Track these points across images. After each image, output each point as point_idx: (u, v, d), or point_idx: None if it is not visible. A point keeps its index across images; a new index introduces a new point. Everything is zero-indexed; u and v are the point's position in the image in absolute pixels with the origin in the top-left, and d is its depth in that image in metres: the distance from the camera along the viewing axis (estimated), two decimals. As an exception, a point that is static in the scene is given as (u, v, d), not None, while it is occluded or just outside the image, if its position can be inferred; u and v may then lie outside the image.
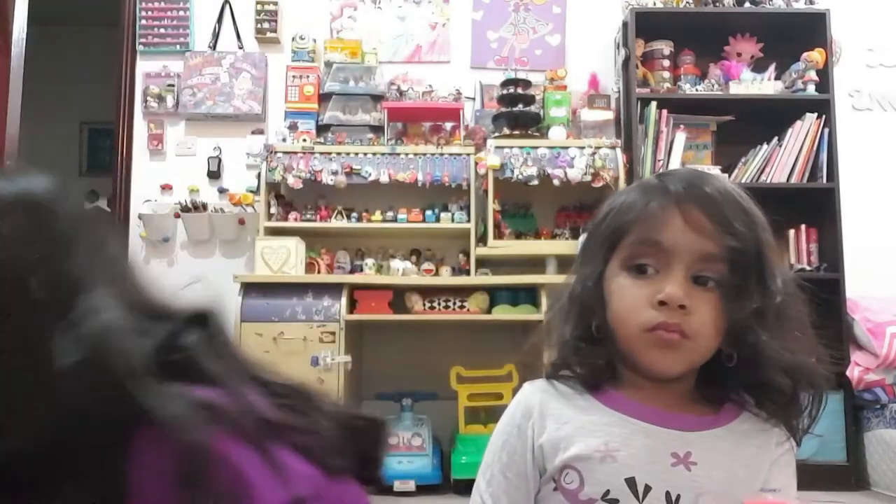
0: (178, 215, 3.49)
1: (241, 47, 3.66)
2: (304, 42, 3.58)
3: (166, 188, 3.55)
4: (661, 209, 0.79)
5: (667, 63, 3.48)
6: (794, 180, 3.28)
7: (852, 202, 3.31)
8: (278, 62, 3.64)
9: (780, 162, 3.29)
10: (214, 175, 3.58)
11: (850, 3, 3.62)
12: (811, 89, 3.33)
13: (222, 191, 3.56)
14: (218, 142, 3.61)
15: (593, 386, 0.83)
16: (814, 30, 3.36)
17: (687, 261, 0.77)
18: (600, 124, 3.46)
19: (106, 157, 4.66)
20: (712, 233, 0.77)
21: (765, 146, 3.32)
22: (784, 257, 3.25)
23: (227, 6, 3.68)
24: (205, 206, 3.49)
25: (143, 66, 3.67)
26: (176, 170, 3.59)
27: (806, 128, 3.29)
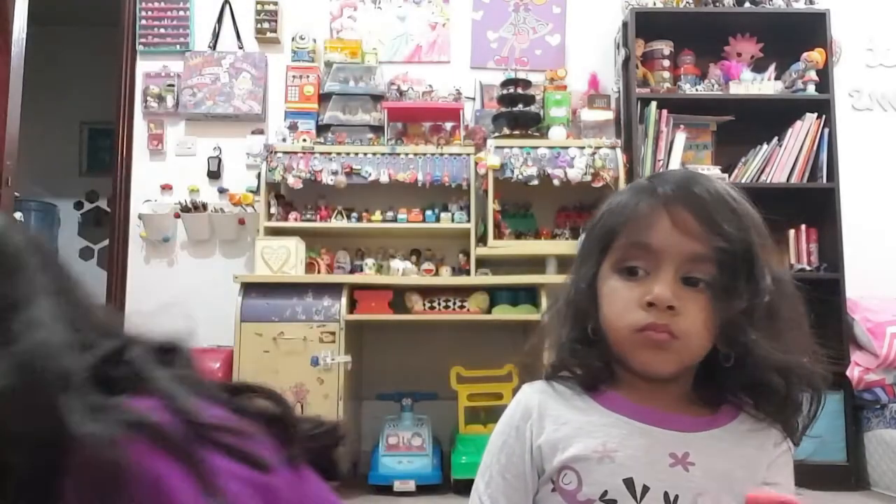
0: (178, 215, 3.49)
1: (241, 47, 3.66)
2: (304, 42, 3.58)
3: (166, 188, 3.55)
4: (649, 211, 0.79)
5: (667, 63, 3.47)
6: (794, 180, 3.28)
7: (852, 202, 3.31)
8: (278, 62, 3.64)
9: (780, 162, 3.29)
10: (214, 175, 3.59)
11: (850, 3, 3.62)
12: (811, 89, 3.33)
13: (222, 191, 3.56)
14: (218, 142, 3.62)
15: (591, 387, 0.83)
16: (814, 30, 3.36)
17: (676, 262, 0.77)
18: (600, 124, 3.46)
19: (106, 157, 4.66)
20: (700, 234, 0.77)
21: (765, 146, 3.32)
22: (784, 257, 3.25)
23: (227, 6, 3.68)
24: (205, 206, 3.49)
25: (143, 66, 3.67)
26: (176, 170, 3.59)
27: (806, 128, 3.29)
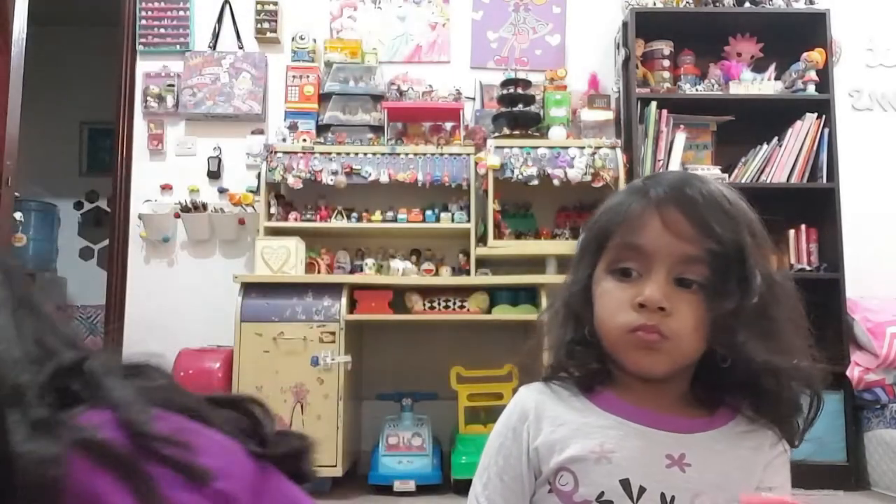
0: (178, 215, 3.49)
1: (241, 47, 3.66)
2: (304, 42, 3.58)
3: (166, 188, 3.55)
4: (641, 212, 0.79)
5: (667, 63, 3.47)
6: (794, 180, 3.28)
7: (852, 202, 3.31)
8: (278, 62, 3.64)
9: (780, 162, 3.29)
10: (214, 175, 3.59)
11: (850, 3, 3.62)
12: (811, 89, 3.33)
13: (222, 191, 3.56)
14: (218, 142, 3.62)
15: (589, 388, 0.84)
16: (814, 30, 3.36)
17: (668, 263, 0.77)
18: (600, 124, 3.46)
19: (106, 157, 4.67)
20: (691, 235, 0.77)
21: (765, 146, 3.32)
22: (784, 258, 3.25)
23: (227, 6, 3.68)
24: (205, 206, 3.49)
25: (143, 66, 3.67)
26: (176, 170, 3.59)
27: (806, 128, 3.28)
